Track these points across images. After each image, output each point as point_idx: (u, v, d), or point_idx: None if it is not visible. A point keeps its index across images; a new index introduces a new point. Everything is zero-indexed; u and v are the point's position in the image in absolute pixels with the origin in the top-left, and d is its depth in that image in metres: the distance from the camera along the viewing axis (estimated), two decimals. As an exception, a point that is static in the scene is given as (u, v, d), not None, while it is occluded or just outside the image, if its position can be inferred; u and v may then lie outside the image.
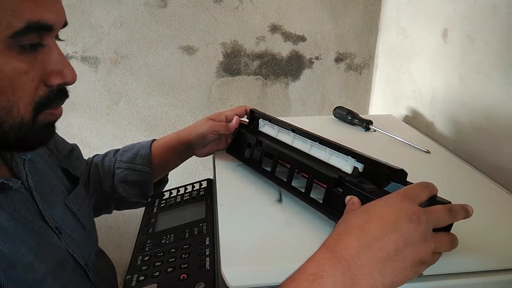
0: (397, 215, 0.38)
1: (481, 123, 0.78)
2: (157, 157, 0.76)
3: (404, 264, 0.37)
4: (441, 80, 0.92)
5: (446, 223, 0.40)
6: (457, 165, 0.75)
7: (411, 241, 0.37)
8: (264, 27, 1.22)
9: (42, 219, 0.49)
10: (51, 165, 0.59)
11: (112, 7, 1.14)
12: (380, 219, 0.39)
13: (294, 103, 1.32)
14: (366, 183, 0.50)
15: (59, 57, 0.43)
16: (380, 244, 0.37)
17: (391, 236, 0.37)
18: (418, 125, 1.00)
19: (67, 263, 0.51)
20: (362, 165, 0.53)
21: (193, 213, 0.66)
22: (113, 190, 0.75)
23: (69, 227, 0.54)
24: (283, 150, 0.64)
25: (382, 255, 0.37)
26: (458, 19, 0.84)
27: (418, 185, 0.42)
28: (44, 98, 0.43)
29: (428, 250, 0.38)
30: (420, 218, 0.38)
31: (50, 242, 0.49)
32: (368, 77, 1.32)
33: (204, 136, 0.73)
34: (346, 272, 0.36)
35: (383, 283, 0.36)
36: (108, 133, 1.27)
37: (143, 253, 0.58)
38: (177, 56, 1.21)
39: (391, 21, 1.17)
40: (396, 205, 0.39)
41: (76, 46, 1.16)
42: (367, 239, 0.38)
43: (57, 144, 0.66)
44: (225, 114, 0.75)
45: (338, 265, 0.37)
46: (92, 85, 1.21)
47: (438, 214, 0.39)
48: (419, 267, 0.38)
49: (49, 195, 0.53)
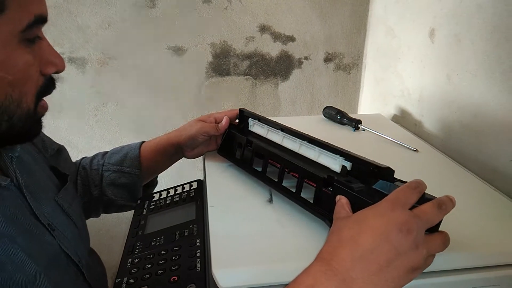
0: (387, 225, 0.39)
1: (468, 122, 0.79)
2: (146, 160, 0.76)
3: (397, 274, 0.38)
4: (428, 79, 0.93)
5: (438, 219, 0.41)
6: (444, 163, 0.76)
7: (402, 251, 0.38)
8: (253, 27, 1.22)
9: (33, 217, 0.49)
10: (39, 163, 0.59)
11: (100, 7, 1.13)
12: (371, 231, 0.39)
13: (284, 103, 1.32)
14: (354, 182, 0.50)
15: (49, 47, 0.46)
16: (373, 257, 0.38)
17: (382, 248, 0.38)
18: (407, 124, 1.01)
19: (60, 260, 0.50)
20: (350, 164, 0.54)
21: (183, 214, 0.65)
22: (102, 193, 0.75)
23: (61, 224, 0.53)
24: (273, 150, 0.64)
25: (375, 267, 0.38)
26: (445, 18, 0.85)
27: (407, 188, 0.42)
28: (42, 87, 0.45)
29: (419, 256, 0.39)
30: (410, 227, 0.38)
31: (43, 239, 0.48)
32: (357, 77, 1.33)
33: (194, 138, 0.73)
34: (341, 285, 0.37)
35: None
36: (96, 134, 1.26)
37: (133, 256, 0.57)
38: (166, 56, 1.21)
39: (379, 21, 1.18)
40: (386, 215, 0.40)
41: (63, 47, 1.15)
42: (360, 252, 0.38)
43: (44, 143, 0.66)
44: (215, 116, 0.75)
45: (334, 278, 0.38)
46: (79, 86, 1.20)
47: (428, 215, 0.40)
48: (412, 274, 0.39)
49: (39, 192, 0.53)
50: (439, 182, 0.67)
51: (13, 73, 0.41)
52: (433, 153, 0.81)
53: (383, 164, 0.49)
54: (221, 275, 0.45)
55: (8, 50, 0.40)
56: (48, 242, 0.49)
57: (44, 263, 0.46)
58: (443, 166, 0.75)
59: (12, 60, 0.41)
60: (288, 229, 0.54)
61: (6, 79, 0.40)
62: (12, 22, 0.39)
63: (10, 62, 0.41)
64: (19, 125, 0.43)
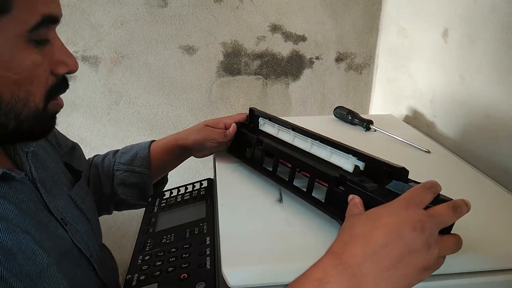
0: (401, 223, 0.39)
1: (481, 123, 0.78)
2: (155, 159, 0.76)
3: (409, 272, 0.38)
4: (441, 79, 0.92)
5: (452, 221, 0.40)
6: (457, 164, 0.75)
7: (415, 248, 0.38)
8: (264, 26, 1.22)
9: (47, 211, 0.50)
10: (54, 159, 0.60)
11: (113, 6, 1.14)
12: (384, 227, 0.39)
13: (295, 103, 1.32)
14: (368, 182, 0.50)
15: (62, 48, 0.46)
16: (385, 253, 0.38)
17: (395, 244, 0.38)
18: (419, 125, 1.00)
19: (72, 254, 0.51)
20: (363, 164, 0.53)
21: (193, 212, 0.66)
22: (113, 192, 0.75)
23: (73, 219, 0.54)
24: (284, 149, 0.64)
25: (387, 263, 0.37)
26: (458, 18, 0.84)
27: (422, 188, 0.42)
28: (52, 87, 0.46)
29: (432, 256, 0.38)
30: (424, 226, 0.38)
31: (55, 233, 0.49)
32: (369, 77, 1.32)
33: (201, 143, 0.74)
34: (351, 279, 0.37)
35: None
36: (109, 132, 1.27)
37: (144, 253, 0.58)
38: (178, 55, 1.21)
39: (392, 20, 1.17)
40: (400, 213, 0.40)
41: (77, 46, 1.16)
42: (372, 248, 0.38)
43: (58, 140, 0.67)
44: (224, 122, 0.74)
45: (344, 272, 0.37)
46: (92, 84, 1.21)
47: (442, 216, 0.39)
48: (423, 274, 0.38)
49: (53, 187, 0.54)
50: (452, 183, 0.66)
51: (18, 72, 0.41)
52: (445, 154, 0.80)
53: (397, 164, 0.49)
54: (231, 273, 0.46)
55: (14, 50, 0.40)
56: (60, 236, 0.50)
57: (56, 255, 0.46)
58: (456, 168, 0.74)
59: (18, 59, 0.41)
60: (297, 229, 0.54)
61: (12, 78, 0.41)
62: (18, 22, 0.39)
63: (16, 61, 0.41)
64: (27, 123, 0.44)
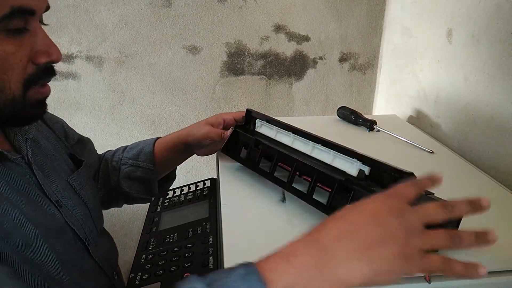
0: (381, 209, 0.39)
1: (485, 123, 0.78)
2: (159, 155, 0.78)
3: (386, 256, 0.37)
4: (445, 80, 0.91)
5: (440, 218, 0.39)
6: (461, 165, 0.75)
7: (393, 234, 0.37)
8: (268, 27, 1.22)
9: (41, 191, 0.52)
10: (57, 148, 0.63)
11: (117, 6, 1.14)
12: (365, 211, 0.40)
13: (298, 103, 1.32)
14: (374, 186, 0.49)
15: (44, 38, 0.47)
16: (363, 233, 0.38)
17: (373, 227, 0.38)
18: (422, 126, 1.00)
19: (65, 233, 0.53)
20: (369, 168, 0.52)
21: (196, 212, 0.66)
22: (118, 185, 0.77)
23: (70, 203, 0.56)
24: (283, 152, 0.62)
25: (362, 243, 0.37)
26: (463, 19, 0.84)
27: (406, 183, 0.42)
28: (32, 75, 0.47)
29: (412, 245, 0.38)
30: (403, 214, 0.38)
31: (47, 212, 0.51)
32: (372, 77, 1.32)
33: (200, 141, 0.75)
34: (320, 253, 0.37)
35: (361, 269, 0.37)
36: (112, 132, 1.27)
37: (147, 252, 0.58)
38: (181, 55, 1.22)
39: (396, 21, 1.17)
40: (381, 200, 0.40)
41: (81, 46, 1.17)
42: (349, 227, 0.39)
43: (66, 133, 0.71)
44: (223, 117, 0.76)
45: (314, 246, 0.38)
46: (96, 84, 1.21)
47: (427, 210, 0.39)
48: (405, 262, 0.37)
49: (51, 172, 0.56)
50: (455, 184, 0.67)
51: None
52: (449, 155, 0.80)
53: (406, 169, 0.48)
54: (234, 273, 0.46)
55: None
56: (53, 215, 0.52)
57: (45, 230, 0.49)
58: (459, 169, 0.74)
59: None
60: (300, 229, 0.53)
61: None
62: None
63: None
64: (7, 109, 0.45)
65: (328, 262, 0.37)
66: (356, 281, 0.37)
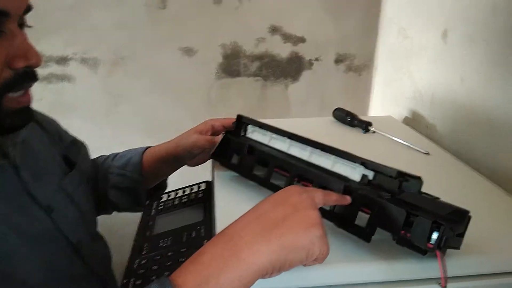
0: (286, 193, 0.43)
1: (481, 125, 0.78)
2: (148, 166, 0.76)
3: (293, 226, 0.39)
4: (441, 81, 0.91)
5: (321, 200, 0.44)
6: (456, 166, 0.75)
7: (294, 208, 0.40)
8: (263, 28, 1.22)
9: (29, 196, 0.51)
10: (49, 150, 0.61)
11: (112, 8, 1.14)
12: (271, 198, 0.42)
13: (294, 104, 1.32)
14: (379, 191, 0.48)
15: (22, 41, 0.45)
16: (268, 215, 0.40)
17: (278, 208, 0.40)
18: (418, 127, 1.00)
19: (54, 239, 0.52)
20: (373, 173, 0.51)
21: (191, 215, 0.66)
22: (106, 194, 0.75)
23: (61, 206, 0.55)
24: (280, 157, 0.60)
25: (268, 224, 0.39)
26: (459, 19, 0.84)
27: (324, 191, 0.46)
28: (9, 80, 0.44)
29: (316, 213, 0.41)
30: (303, 193, 0.42)
31: (35, 217, 0.50)
32: (368, 78, 1.31)
33: (189, 151, 0.72)
34: (227, 243, 0.38)
35: (269, 248, 0.37)
36: (108, 135, 1.27)
37: (141, 257, 0.58)
38: (177, 57, 1.21)
39: (391, 21, 1.17)
40: (291, 189, 0.43)
41: (76, 48, 1.16)
42: (255, 214, 0.41)
43: (60, 134, 0.69)
44: (211, 124, 0.74)
45: (222, 239, 0.39)
46: (91, 86, 1.21)
47: (314, 192, 0.43)
48: (312, 227, 0.39)
49: (43, 175, 0.55)
50: (451, 186, 0.67)
51: None
52: (445, 156, 0.79)
53: (412, 173, 0.47)
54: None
55: None
56: (41, 221, 0.51)
57: (31, 238, 0.47)
58: (455, 170, 0.74)
59: None
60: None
61: None
62: None
63: None
64: None
65: (234, 250, 0.37)
66: (265, 261, 0.37)
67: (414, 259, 0.46)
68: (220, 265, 0.37)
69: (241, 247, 0.37)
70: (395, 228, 0.44)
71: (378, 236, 0.45)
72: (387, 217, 0.44)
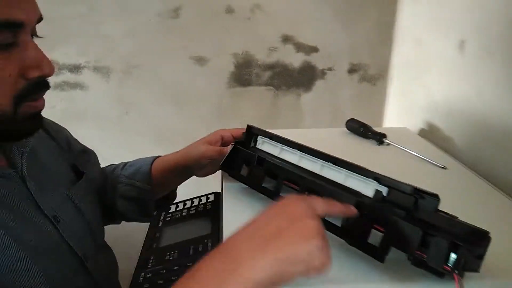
0: (283, 204, 0.41)
1: (499, 138, 0.75)
2: (157, 176, 0.75)
3: (291, 238, 0.37)
4: (458, 92, 0.89)
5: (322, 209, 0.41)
6: (474, 182, 0.72)
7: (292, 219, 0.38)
8: (276, 37, 1.21)
9: (36, 207, 0.50)
10: (58, 160, 0.61)
11: (124, 17, 1.14)
12: (268, 211, 0.41)
13: (306, 114, 1.30)
14: (395, 208, 0.46)
15: (35, 52, 0.45)
16: (264, 228, 0.38)
17: (274, 220, 0.39)
18: (434, 139, 0.97)
19: (59, 251, 0.52)
20: (387, 189, 0.49)
21: (198, 228, 0.64)
22: (114, 204, 0.75)
23: (68, 216, 0.55)
24: (290, 170, 0.59)
25: (264, 237, 0.37)
26: (476, 30, 0.82)
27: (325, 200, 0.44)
28: (23, 91, 0.45)
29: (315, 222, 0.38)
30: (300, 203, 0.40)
31: (41, 228, 0.50)
32: (383, 89, 1.29)
33: (198, 161, 0.72)
34: (225, 259, 0.37)
35: (266, 262, 0.36)
36: (118, 143, 1.27)
37: (146, 270, 0.56)
38: (189, 66, 1.21)
39: (406, 31, 1.15)
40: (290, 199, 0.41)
41: (88, 56, 1.17)
42: (252, 227, 0.39)
43: (70, 143, 0.69)
44: (221, 134, 0.73)
45: (218, 255, 0.38)
46: (103, 95, 1.21)
47: (314, 201, 0.41)
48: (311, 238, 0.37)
49: (50, 185, 0.55)
50: (469, 202, 0.64)
51: None
52: (462, 171, 0.77)
53: (429, 190, 0.45)
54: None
55: None
56: (47, 232, 0.50)
57: (36, 249, 0.47)
58: (473, 185, 0.71)
59: None
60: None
61: None
62: None
63: None
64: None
65: (232, 264, 0.36)
66: (263, 275, 0.35)
67: (430, 281, 0.43)
68: (217, 281, 0.36)
69: (239, 262, 0.36)
70: (410, 248, 0.42)
71: (392, 255, 0.43)
72: (401, 236, 0.42)
